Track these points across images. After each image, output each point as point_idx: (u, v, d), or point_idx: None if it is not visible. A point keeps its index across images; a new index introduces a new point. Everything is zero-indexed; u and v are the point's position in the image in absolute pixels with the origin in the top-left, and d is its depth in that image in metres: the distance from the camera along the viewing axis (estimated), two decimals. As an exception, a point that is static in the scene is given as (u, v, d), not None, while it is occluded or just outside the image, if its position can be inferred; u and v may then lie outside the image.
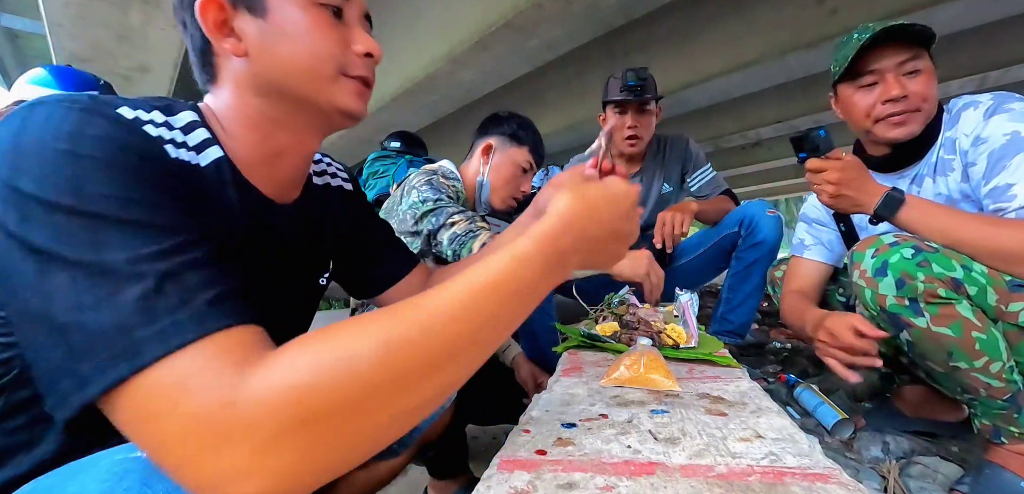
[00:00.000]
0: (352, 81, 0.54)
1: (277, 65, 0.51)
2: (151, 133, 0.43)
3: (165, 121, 0.47)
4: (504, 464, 0.48)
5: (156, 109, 0.47)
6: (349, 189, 0.75)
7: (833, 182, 1.04)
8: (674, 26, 3.84)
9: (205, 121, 0.52)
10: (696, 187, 1.99)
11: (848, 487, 0.43)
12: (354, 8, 0.55)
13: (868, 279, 0.94)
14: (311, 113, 0.53)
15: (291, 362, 0.33)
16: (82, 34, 3.17)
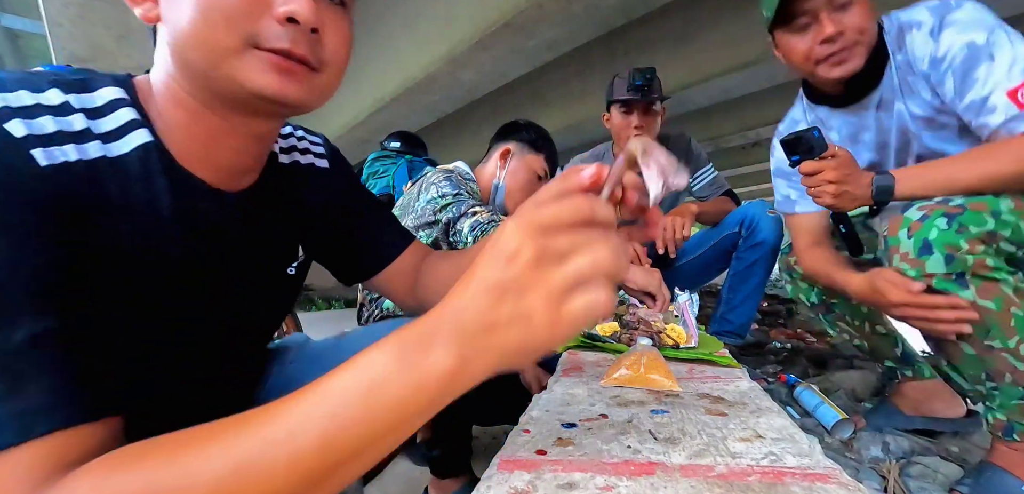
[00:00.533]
0: (265, 54, 0.41)
1: (180, 35, 0.41)
2: (14, 134, 0.34)
3: (62, 103, 0.38)
4: (504, 464, 0.48)
5: (56, 88, 0.39)
6: (323, 166, 0.64)
7: (833, 181, 1.02)
8: (674, 26, 3.84)
9: (136, 99, 0.44)
10: (698, 187, 1.99)
11: (848, 487, 0.43)
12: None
13: (912, 260, 0.93)
14: (221, 93, 0.43)
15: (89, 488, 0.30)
16: (82, 34, 3.17)
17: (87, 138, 0.39)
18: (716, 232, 1.83)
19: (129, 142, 0.42)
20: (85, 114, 0.40)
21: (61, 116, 0.38)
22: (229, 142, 0.47)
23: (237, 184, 0.50)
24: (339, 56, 0.46)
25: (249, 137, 0.48)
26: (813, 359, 2.18)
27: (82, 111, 0.40)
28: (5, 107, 0.35)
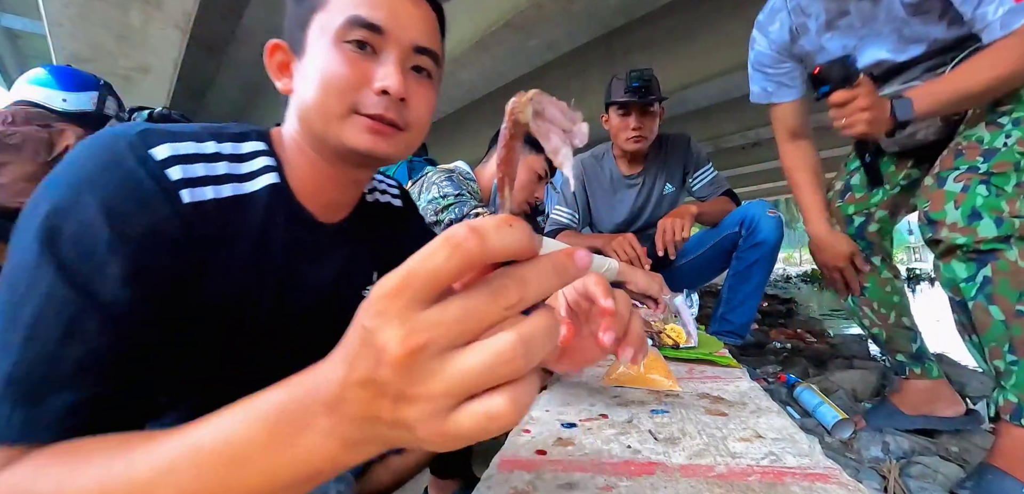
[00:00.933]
0: (364, 119, 0.52)
1: (304, 103, 0.54)
2: (171, 176, 0.45)
3: (214, 153, 0.50)
4: (504, 464, 0.48)
5: (214, 141, 0.51)
6: (397, 205, 0.76)
7: (867, 108, 1.00)
8: (674, 26, 3.84)
9: (272, 148, 0.56)
10: (698, 187, 1.98)
11: (848, 487, 0.43)
12: (392, 45, 0.53)
13: (963, 228, 0.96)
14: (330, 148, 0.54)
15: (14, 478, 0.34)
16: (82, 34, 3.17)
17: (225, 182, 0.50)
18: (716, 232, 1.83)
19: (260, 182, 0.53)
20: (230, 161, 0.51)
21: (210, 163, 0.49)
22: (334, 184, 0.58)
23: (335, 217, 0.61)
24: (422, 118, 0.57)
25: (348, 182, 0.60)
26: (813, 359, 2.18)
27: (230, 159, 0.51)
28: (171, 156, 0.46)
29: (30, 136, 1.29)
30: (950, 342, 3.13)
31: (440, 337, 0.22)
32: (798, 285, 9.66)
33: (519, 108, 0.29)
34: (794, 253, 26.17)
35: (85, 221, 0.39)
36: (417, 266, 0.22)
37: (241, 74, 4.74)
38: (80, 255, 0.38)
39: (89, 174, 0.41)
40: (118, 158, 0.43)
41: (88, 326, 0.38)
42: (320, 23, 0.53)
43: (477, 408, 0.23)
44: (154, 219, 0.43)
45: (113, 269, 0.39)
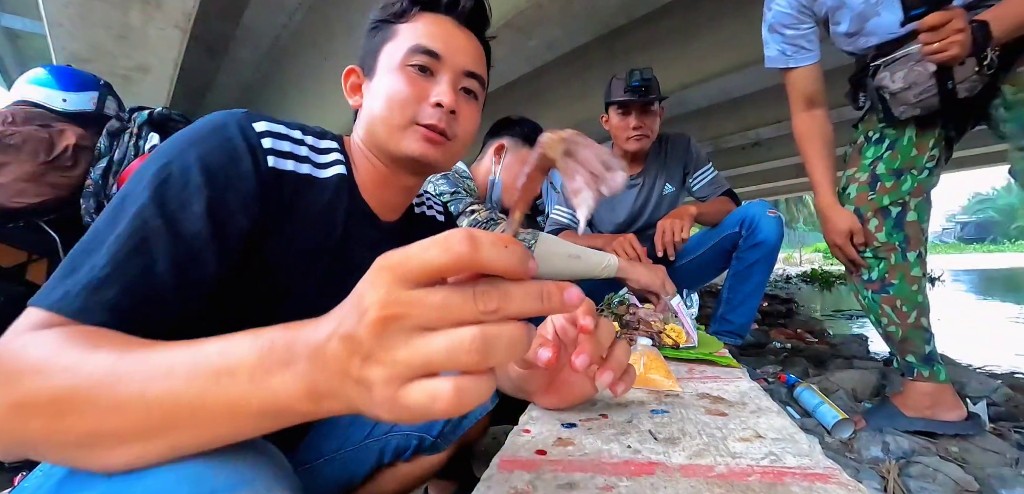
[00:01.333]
0: (421, 129, 0.62)
1: (371, 117, 0.64)
2: (263, 144, 0.54)
3: (300, 138, 0.60)
4: (504, 464, 0.48)
5: (301, 130, 0.61)
6: (441, 220, 0.85)
7: (962, 29, 0.97)
8: (674, 26, 3.84)
9: (343, 148, 0.66)
10: (698, 187, 1.98)
11: (848, 487, 0.43)
12: (447, 68, 0.64)
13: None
14: (390, 155, 0.64)
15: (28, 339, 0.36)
16: (82, 34, 3.17)
17: (305, 162, 0.59)
18: (716, 232, 1.83)
19: (332, 171, 0.63)
20: (311, 149, 0.61)
21: (295, 145, 0.59)
22: (389, 187, 0.68)
23: (391, 216, 0.71)
24: (467, 131, 0.67)
25: (401, 187, 0.69)
26: (813, 359, 2.18)
27: (311, 147, 0.61)
28: (267, 131, 0.56)
29: (30, 136, 1.29)
30: (950, 342, 3.14)
31: (416, 314, 0.25)
32: (798, 285, 9.66)
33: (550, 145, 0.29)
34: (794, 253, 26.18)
35: (185, 167, 0.48)
36: (414, 252, 0.26)
37: (241, 74, 4.74)
38: (176, 189, 0.46)
39: (199, 135, 0.50)
40: (223, 126, 0.52)
41: (158, 246, 0.44)
42: (388, 52, 0.65)
43: (425, 385, 0.26)
44: (239, 171, 0.51)
45: (196, 205, 0.47)
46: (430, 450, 0.82)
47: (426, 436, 0.79)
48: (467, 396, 0.25)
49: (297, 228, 0.57)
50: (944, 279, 10.22)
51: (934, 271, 11.29)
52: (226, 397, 0.30)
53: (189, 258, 0.46)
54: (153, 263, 0.43)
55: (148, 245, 0.43)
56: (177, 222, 0.45)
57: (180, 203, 0.46)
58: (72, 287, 0.39)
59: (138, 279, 0.42)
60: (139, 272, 0.42)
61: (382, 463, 0.79)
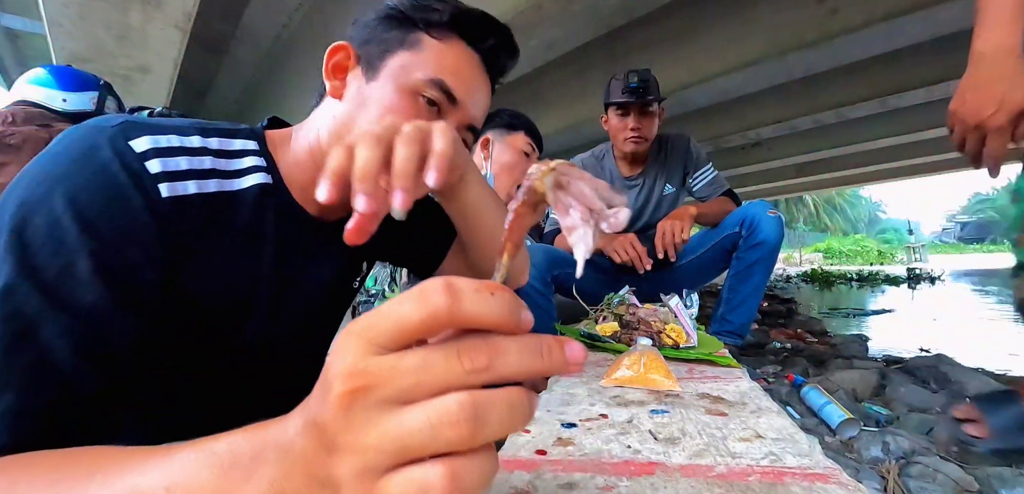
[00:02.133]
0: None
1: (349, 123, 0.54)
2: (149, 170, 0.43)
3: (200, 147, 0.48)
4: (504, 464, 0.48)
5: (199, 135, 0.49)
6: None
7: None
8: (674, 26, 3.84)
9: (265, 148, 0.55)
10: (698, 187, 1.98)
11: (848, 487, 0.43)
12: (457, 116, 0.57)
13: None
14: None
15: None
16: (82, 34, 3.17)
17: (210, 177, 0.48)
18: (716, 232, 1.83)
19: (247, 181, 0.52)
20: (216, 156, 0.50)
21: (193, 157, 0.47)
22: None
23: (332, 216, 0.59)
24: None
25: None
26: (813, 359, 2.18)
27: (216, 154, 0.50)
28: (151, 148, 0.44)
29: (30, 136, 1.29)
30: (950, 342, 3.13)
31: (387, 384, 0.20)
32: (798, 285, 9.66)
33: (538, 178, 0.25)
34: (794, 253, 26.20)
35: (53, 216, 0.37)
36: (385, 310, 0.21)
37: (241, 74, 4.74)
38: (48, 252, 0.37)
39: (63, 168, 0.40)
40: (93, 151, 0.41)
41: (46, 329, 0.35)
42: (403, 61, 0.54)
43: (409, 475, 0.20)
44: (126, 214, 0.41)
45: (81, 267, 0.37)
46: None
47: None
48: (465, 482, 0.19)
49: (219, 255, 0.48)
50: (944, 279, 10.23)
51: (934, 271, 11.29)
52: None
53: (93, 337, 0.38)
54: (47, 351, 0.35)
55: (33, 333, 0.35)
56: (61, 296, 0.36)
57: (59, 270, 0.37)
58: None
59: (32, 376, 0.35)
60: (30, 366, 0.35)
61: None
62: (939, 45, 4.25)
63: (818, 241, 38.74)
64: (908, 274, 10.70)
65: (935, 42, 4.25)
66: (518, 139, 1.47)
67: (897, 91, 4.71)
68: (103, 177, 0.40)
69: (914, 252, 20.11)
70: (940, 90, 4.73)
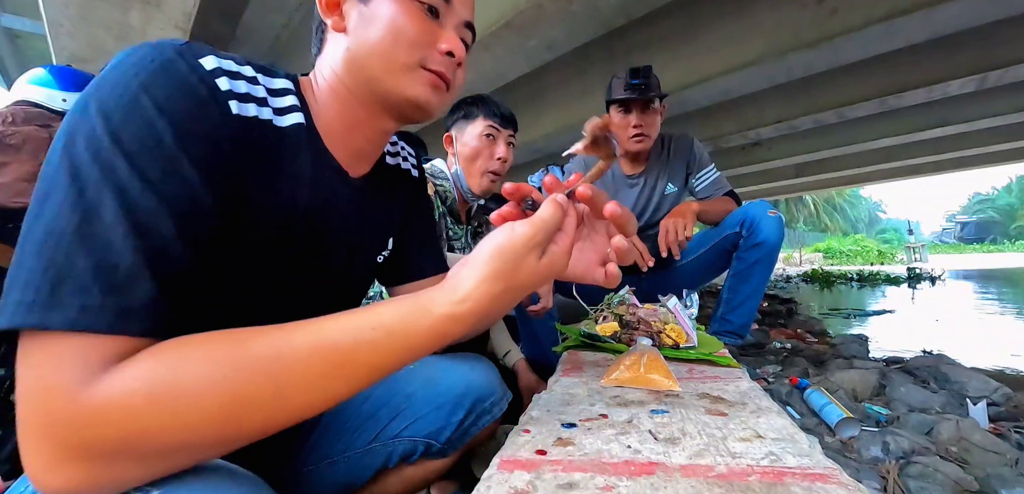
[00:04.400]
0: (428, 74, 0.56)
1: (364, 46, 0.55)
2: (221, 86, 0.46)
3: (253, 76, 0.51)
4: (504, 464, 0.48)
5: (251, 66, 0.51)
6: (415, 175, 0.78)
7: None
8: (674, 26, 3.84)
9: (298, 90, 0.57)
10: (700, 188, 1.98)
11: (848, 487, 0.43)
12: (453, 15, 0.59)
13: None
14: (383, 95, 0.56)
15: (133, 375, 0.34)
16: (82, 34, 3.17)
17: (264, 105, 0.51)
18: (717, 232, 1.83)
19: (289, 119, 0.54)
20: (268, 91, 0.52)
21: (251, 84, 0.50)
22: (363, 133, 0.60)
23: (360, 170, 0.63)
24: (461, 82, 0.62)
25: (379, 131, 0.61)
26: (813, 359, 2.18)
27: (265, 87, 0.52)
28: (218, 67, 0.46)
29: (30, 136, 1.29)
30: (950, 342, 3.13)
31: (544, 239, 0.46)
32: (798, 285, 9.66)
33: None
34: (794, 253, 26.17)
35: (147, 119, 0.39)
36: (540, 221, 0.46)
37: (241, 74, 4.74)
38: (148, 152, 0.39)
39: (143, 78, 0.40)
40: (171, 63, 0.42)
41: (162, 220, 0.38)
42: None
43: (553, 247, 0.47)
44: (211, 122, 0.44)
45: (183, 166, 0.40)
46: (437, 455, 0.81)
47: (434, 442, 0.78)
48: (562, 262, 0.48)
49: (269, 184, 0.50)
50: (944, 279, 10.22)
51: (934, 271, 11.29)
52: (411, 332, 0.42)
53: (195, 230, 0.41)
54: (164, 244, 0.38)
55: (150, 228, 0.38)
56: (168, 193, 0.39)
57: (163, 170, 0.39)
58: (118, 303, 0.35)
59: (157, 267, 0.38)
60: (154, 259, 0.37)
61: (388, 466, 0.78)
62: (939, 45, 4.25)
63: (818, 241, 38.73)
64: (908, 274, 10.70)
65: (935, 42, 4.25)
66: (477, 126, 1.43)
67: (897, 91, 4.71)
68: (186, 87, 0.43)
69: (914, 252, 20.09)
70: (940, 90, 4.73)
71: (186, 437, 0.35)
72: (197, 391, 0.35)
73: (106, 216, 0.36)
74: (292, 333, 0.39)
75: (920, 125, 6.12)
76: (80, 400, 0.33)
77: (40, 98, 1.38)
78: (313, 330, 0.40)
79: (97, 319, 0.34)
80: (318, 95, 0.58)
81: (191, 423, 0.35)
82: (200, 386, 0.35)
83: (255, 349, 0.37)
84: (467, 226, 1.58)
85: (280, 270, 0.55)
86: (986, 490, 1.04)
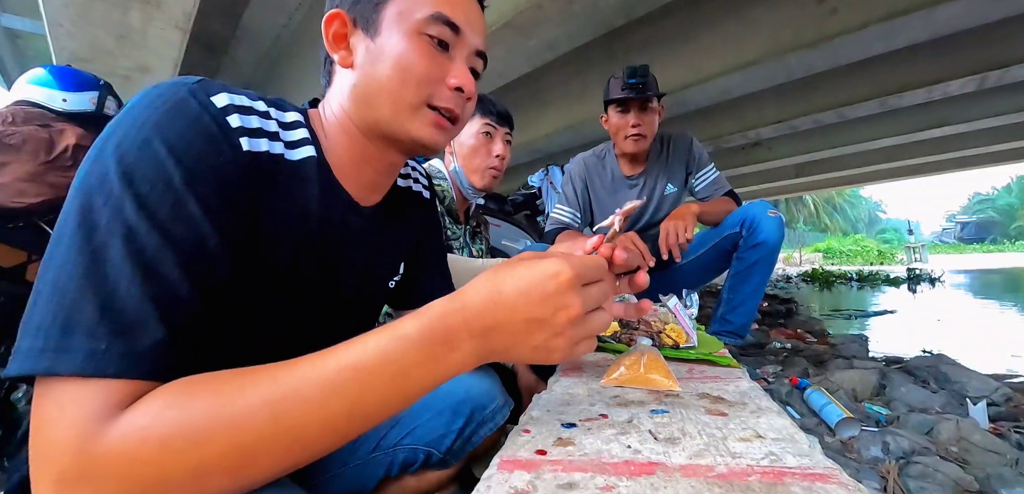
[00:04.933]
0: (433, 113, 0.56)
1: (371, 83, 0.54)
2: (232, 124, 0.46)
3: (265, 111, 0.51)
4: (504, 464, 0.48)
5: (263, 101, 0.52)
6: (426, 197, 0.77)
7: None
8: (674, 26, 3.84)
9: (308, 122, 0.57)
10: (700, 187, 1.98)
11: (848, 487, 0.43)
12: (463, 45, 0.57)
13: None
14: (390, 133, 0.56)
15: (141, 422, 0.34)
16: (82, 34, 3.17)
17: (276, 140, 0.51)
18: (717, 232, 1.83)
19: (300, 152, 0.54)
20: (279, 125, 0.52)
21: (263, 119, 0.50)
22: (374, 166, 0.60)
23: (370, 200, 0.62)
24: (469, 115, 0.61)
25: (388, 164, 0.61)
26: (813, 359, 2.18)
27: (276, 121, 0.52)
28: (229, 104, 0.47)
29: (30, 136, 1.29)
30: (950, 343, 3.13)
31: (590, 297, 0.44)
32: (798, 285, 9.66)
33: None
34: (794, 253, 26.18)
35: (158, 161, 0.40)
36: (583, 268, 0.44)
37: (241, 74, 4.74)
38: (158, 195, 0.39)
39: (156, 119, 0.41)
40: (183, 103, 0.43)
41: (168, 262, 0.38)
42: (399, 8, 0.54)
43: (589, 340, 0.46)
44: (219, 159, 0.44)
45: (190, 207, 0.40)
46: (439, 465, 0.80)
47: (435, 450, 0.77)
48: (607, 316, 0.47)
49: (280, 217, 0.50)
50: (944, 279, 10.23)
51: (934, 271, 11.29)
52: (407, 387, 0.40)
53: (203, 271, 0.41)
54: (171, 284, 0.38)
55: (157, 269, 0.38)
56: (175, 234, 0.39)
57: (171, 210, 0.39)
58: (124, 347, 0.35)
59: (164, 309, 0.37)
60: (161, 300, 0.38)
61: (389, 476, 0.78)
62: (939, 45, 4.25)
63: (818, 241, 38.73)
64: (908, 274, 10.70)
65: (935, 42, 4.26)
66: (474, 124, 1.45)
67: (897, 91, 4.72)
68: (197, 127, 0.43)
69: (914, 252, 20.10)
70: (940, 90, 4.74)
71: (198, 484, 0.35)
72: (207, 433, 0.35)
73: (114, 257, 0.36)
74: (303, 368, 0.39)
75: (920, 125, 6.12)
76: (87, 451, 0.33)
77: (40, 98, 1.38)
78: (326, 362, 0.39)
79: (104, 364, 0.34)
80: (327, 129, 0.58)
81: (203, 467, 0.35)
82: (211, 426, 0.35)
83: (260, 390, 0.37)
84: (465, 226, 1.58)
85: (291, 301, 0.54)
86: (986, 490, 1.04)
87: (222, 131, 0.45)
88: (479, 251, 1.64)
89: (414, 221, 0.74)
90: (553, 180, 3.87)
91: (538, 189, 3.94)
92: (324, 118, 0.58)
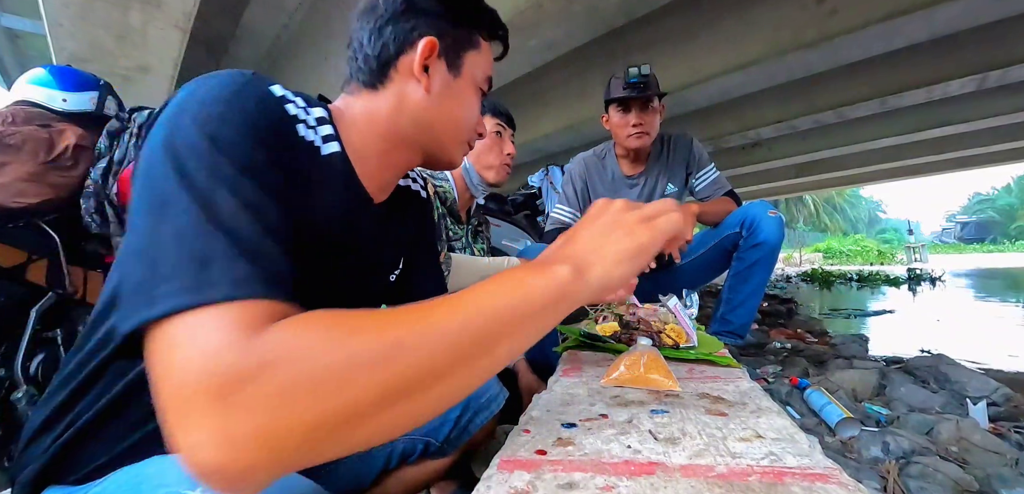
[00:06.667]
0: (467, 147, 0.68)
1: (442, 113, 0.63)
2: (289, 111, 0.51)
3: (305, 105, 0.55)
4: (504, 464, 0.48)
5: (301, 97, 0.56)
6: (423, 196, 0.82)
7: None
8: (674, 26, 3.84)
9: (332, 119, 0.60)
10: (700, 187, 1.98)
11: (848, 487, 0.43)
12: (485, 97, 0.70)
13: None
14: (436, 151, 0.66)
15: (299, 323, 0.34)
16: (82, 34, 3.17)
17: (314, 132, 0.56)
18: (717, 232, 1.83)
19: (330, 147, 0.57)
20: (314, 119, 0.56)
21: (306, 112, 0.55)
22: (392, 165, 0.65)
23: (380, 197, 0.66)
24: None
25: (405, 165, 0.67)
26: (813, 359, 2.18)
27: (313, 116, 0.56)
28: (284, 95, 0.51)
29: (30, 136, 1.29)
30: (950, 343, 3.13)
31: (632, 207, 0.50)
32: (798, 285, 9.66)
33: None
34: (794, 253, 26.17)
35: (236, 126, 0.42)
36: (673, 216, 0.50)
37: (241, 74, 4.74)
38: (243, 153, 0.42)
39: (227, 95, 0.44)
40: (248, 86, 0.46)
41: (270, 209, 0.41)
42: (473, 61, 0.64)
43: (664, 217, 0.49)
44: (285, 139, 0.49)
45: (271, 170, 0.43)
46: (436, 454, 0.81)
47: (433, 440, 0.78)
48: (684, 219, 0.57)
49: (310, 208, 0.54)
50: (944, 279, 10.22)
51: (934, 271, 11.29)
52: (531, 295, 0.40)
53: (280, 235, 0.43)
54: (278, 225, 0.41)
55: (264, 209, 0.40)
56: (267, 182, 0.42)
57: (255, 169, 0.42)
58: (263, 272, 0.37)
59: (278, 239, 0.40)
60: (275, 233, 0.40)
61: (388, 468, 0.78)
62: (939, 45, 4.25)
63: (818, 241, 38.73)
64: (908, 274, 10.69)
65: (935, 42, 4.26)
66: (487, 122, 1.51)
67: (897, 91, 4.72)
68: (263, 106, 0.47)
69: (914, 252, 20.10)
70: (940, 90, 4.74)
71: (351, 393, 0.33)
72: (364, 338, 0.34)
73: (225, 205, 0.38)
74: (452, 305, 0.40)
75: (920, 125, 6.12)
76: (250, 347, 0.32)
77: (40, 98, 1.38)
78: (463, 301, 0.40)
79: (252, 287, 0.35)
80: (357, 128, 0.61)
81: (358, 363, 0.33)
82: (367, 331, 0.35)
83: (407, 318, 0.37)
84: (467, 226, 1.59)
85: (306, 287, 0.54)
86: (986, 490, 1.04)
87: (284, 114, 0.50)
88: (481, 250, 1.65)
89: (412, 218, 0.77)
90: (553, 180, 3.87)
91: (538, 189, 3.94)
92: (352, 118, 0.61)
